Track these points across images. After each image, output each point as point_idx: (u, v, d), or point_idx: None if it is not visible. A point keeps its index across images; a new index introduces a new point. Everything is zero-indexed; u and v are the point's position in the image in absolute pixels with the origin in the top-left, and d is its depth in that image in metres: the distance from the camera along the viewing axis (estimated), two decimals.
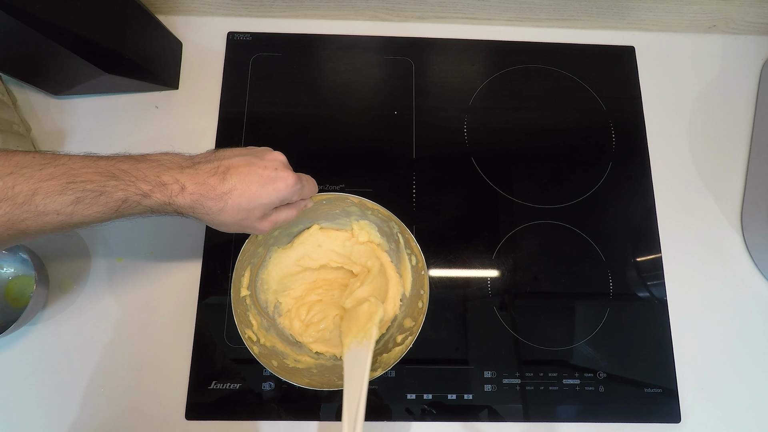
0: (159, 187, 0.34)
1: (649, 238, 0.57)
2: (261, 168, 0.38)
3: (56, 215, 0.31)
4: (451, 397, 0.50)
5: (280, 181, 0.38)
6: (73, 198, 0.31)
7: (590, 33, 0.64)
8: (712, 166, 0.60)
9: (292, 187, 0.39)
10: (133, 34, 0.53)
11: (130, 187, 0.33)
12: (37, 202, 0.30)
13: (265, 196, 0.38)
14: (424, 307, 0.47)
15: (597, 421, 0.50)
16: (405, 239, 0.49)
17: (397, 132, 0.59)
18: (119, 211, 0.34)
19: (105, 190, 0.32)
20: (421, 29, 0.64)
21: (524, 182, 0.58)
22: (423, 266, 0.48)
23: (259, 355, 0.45)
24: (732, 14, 0.62)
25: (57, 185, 0.31)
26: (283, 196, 0.39)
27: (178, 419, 0.49)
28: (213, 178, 0.36)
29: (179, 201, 0.35)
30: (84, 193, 0.31)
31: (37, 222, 0.31)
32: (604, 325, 0.53)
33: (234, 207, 0.37)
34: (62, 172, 0.31)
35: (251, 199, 0.37)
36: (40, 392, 0.49)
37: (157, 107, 0.59)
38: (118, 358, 0.50)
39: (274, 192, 0.38)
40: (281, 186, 0.38)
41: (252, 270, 0.49)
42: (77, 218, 0.32)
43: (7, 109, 0.53)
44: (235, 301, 0.46)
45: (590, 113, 0.61)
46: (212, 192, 0.36)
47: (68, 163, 0.32)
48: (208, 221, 0.38)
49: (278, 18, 0.63)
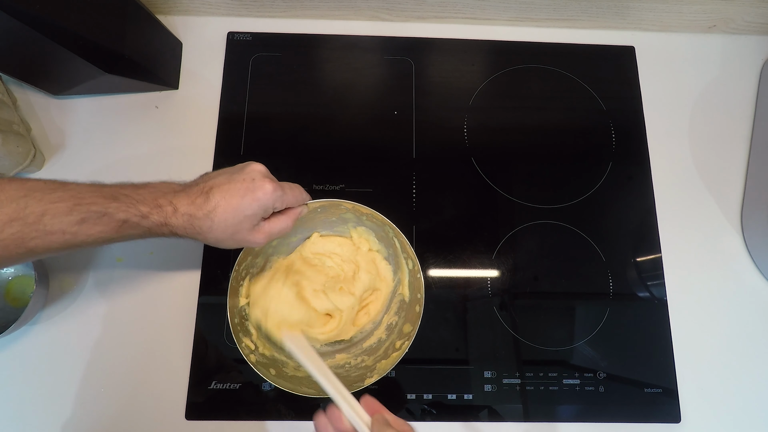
0: (156, 209, 0.37)
1: (649, 238, 0.57)
2: (239, 182, 0.39)
3: (62, 234, 0.33)
4: (451, 397, 0.50)
5: (257, 190, 0.39)
6: (79, 218, 0.34)
7: (590, 33, 0.64)
8: (712, 166, 0.60)
9: (271, 194, 0.40)
10: (133, 34, 0.53)
11: (130, 209, 0.36)
12: (46, 222, 0.32)
13: (247, 207, 0.39)
14: (420, 310, 0.47)
15: (597, 421, 0.50)
16: (401, 243, 0.49)
17: (397, 132, 0.59)
18: (120, 231, 0.36)
19: (108, 211, 0.35)
20: (421, 29, 0.64)
21: (524, 182, 0.58)
22: (418, 269, 0.48)
23: (256, 363, 0.45)
24: (732, 14, 0.62)
25: (65, 207, 0.33)
26: (264, 204, 0.40)
27: (178, 419, 0.49)
28: (200, 198, 0.38)
29: (174, 222, 0.37)
30: (88, 214, 0.34)
31: (44, 240, 0.33)
32: (604, 325, 0.53)
33: (221, 223, 0.38)
34: (70, 195, 0.34)
35: (235, 213, 0.39)
36: (40, 392, 0.49)
37: (157, 107, 0.59)
38: (118, 358, 0.50)
39: (254, 202, 0.39)
40: (260, 195, 0.39)
41: (250, 279, 0.49)
42: (81, 237, 0.34)
43: (7, 109, 0.53)
44: (231, 310, 0.46)
45: (590, 113, 0.61)
46: (200, 211, 0.38)
47: (76, 188, 0.35)
48: (204, 240, 0.40)
49: (278, 18, 0.63)
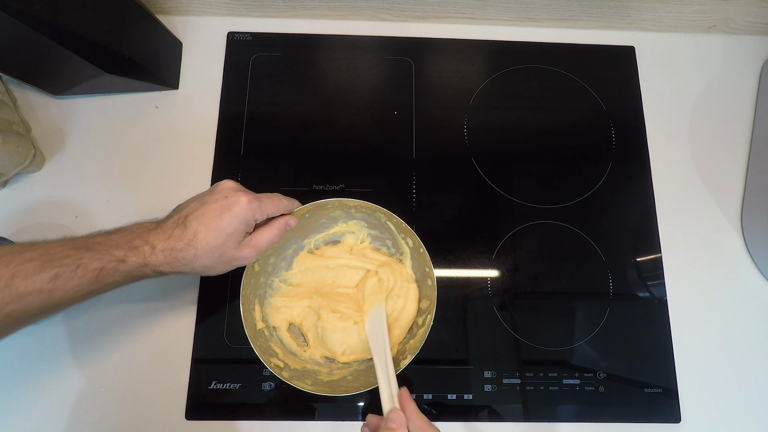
0: (132, 251, 0.36)
1: (649, 238, 0.57)
2: (213, 202, 0.39)
3: (38, 294, 0.32)
4: (451, 397, 0.50)
5: (233, 206, 0.39)
6: (51, 275, 0.32)
7: (590, 33, 0.64)
8: (712, 166, 0.60)
9: (247, 206, 0.39)
10: (133, 34, 0.53)
11: (105, 256, 0.35)
12: (17, 284, 0.31)
13: (227, 225, 0.38)
14: (433, 284, 0.48)
15: (597, 421, 0.50)
16: (395, 224, 0.50)
17: (397, 132, 0.59)
18: (98, 280, 0.35)
19: (81, 263, 0.34)
20: (421, 29, 0.64)
21: (524, 182, 0.58)
22: (420, 245, 0.48)
23: (290, 378, 0.45)
24: (732, 14, 0.62)
25: (35, 265, 0.32)
26: (243, 218, 0.39)
27: (178, 419, 0.49)
28: (177, 229, 0.38)
29: (154, 260, 0.36)
30: (61, 269, 0.33)
31: (20, 304, 0.32)
32: (604, 325, 0.53)
33: (205, 248, 0.38)
34: (39, 253, 0.33)
35: (216, 235, 0.38)
36: (40, 392, 0.49)
37: (157, 107, 0.59)
38: (118, 358, 0.50)
39: (234, 218, 0.38)
40: (237, 210, 0.39)
41: (260, 301, 0.49)
42: (58, 294, 0.33)
43: (7, 109, 0.53)
44: (252, 337, 0.46)
45: (590, 113, 0.61)
46: (180, 242, 0.37)
47: (45, 246, 0.34)
48: (192, 270, 0.39)
49: (278, 18, 0.63)
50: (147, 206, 0.55)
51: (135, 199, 0.55)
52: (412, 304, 0.50)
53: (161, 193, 0.56)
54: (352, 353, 0.49)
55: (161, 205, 0.55)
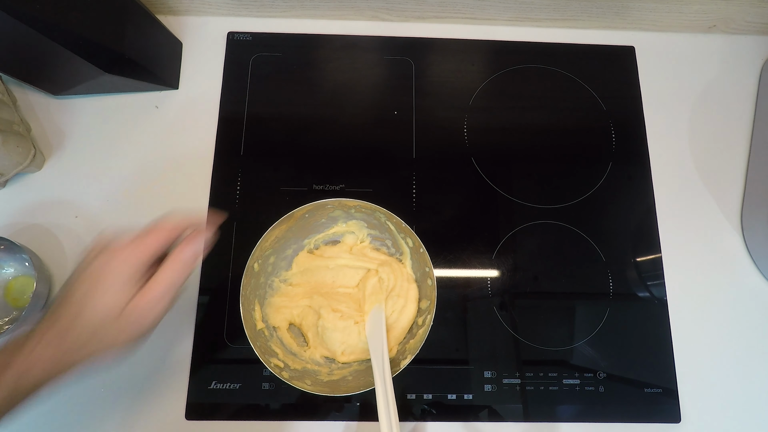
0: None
1: (649, 238, 0.57)
2: (79, 282, 0.33)
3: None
4: (451, 397, 0.50)
5: (103, 267, 0.32)
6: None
7: (590, 33, 0.64)
8: (712, 166, 0.60)
9: (120, 255, 0.33)
10: (133, 34, 0.53)
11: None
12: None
13: (108, 287, 0.32)
14: (433, 283, 0.48)
15: (597, 421, 0.50)
16: (395, 224, 0.50)
17: (397, 132, 0.59)
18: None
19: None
20: (421, 29, 0.64)
21: (524, 182, 0.58)
22: (420, 244, 0.48)
23: (290, 379, 0.45)
24: (732, 14, 0.62)
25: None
26: (126, 275, 0.33)
27: (178, 419, 0.49)
28: (50, 331, 0.32)
29: (35, 372, 0.32)
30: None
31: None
32: (604, 325, 0.53)
33: (97, 324, 0.32)
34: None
35: (97, 304, 0.32)
36: (40, 392, 0.49)
37: (157, 107, 0.59)
38: (118, 357, 0.50)
39: (110, 274, 0.32)
40: (107, 271, 0.32)
41: (260, 302, 0.49)
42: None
43: (7, 109, 0.53)
44: (252, 337, 0.45)
45: (590, 113, 0.61)
46: (63, 342, 0.32)
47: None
48: (103, 357, 0.34)
49: (278, 18, 0.63)
50: (147, 206, 0.55)
51: (135, 199, 0.55)
52: (412, 304, 0.50)
53: (161, 194, 0.56)
54: (351, 353, 0.49)
55: (161, 205, 0.55)
